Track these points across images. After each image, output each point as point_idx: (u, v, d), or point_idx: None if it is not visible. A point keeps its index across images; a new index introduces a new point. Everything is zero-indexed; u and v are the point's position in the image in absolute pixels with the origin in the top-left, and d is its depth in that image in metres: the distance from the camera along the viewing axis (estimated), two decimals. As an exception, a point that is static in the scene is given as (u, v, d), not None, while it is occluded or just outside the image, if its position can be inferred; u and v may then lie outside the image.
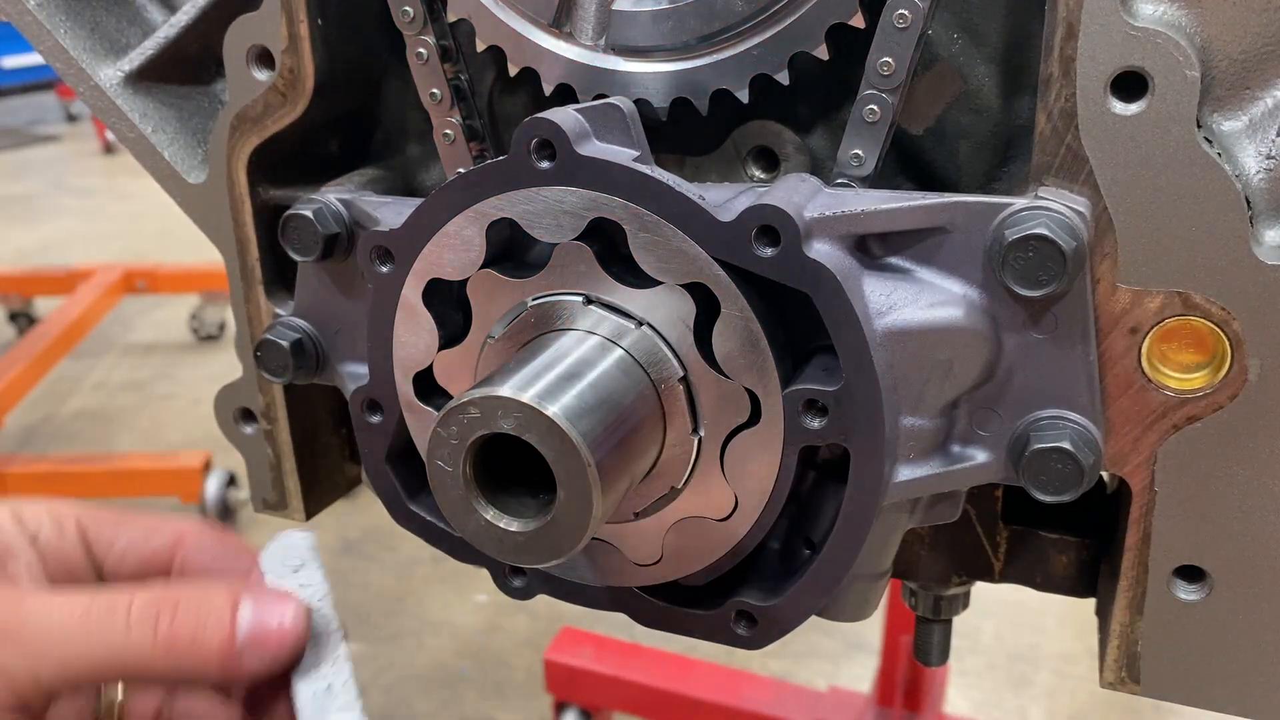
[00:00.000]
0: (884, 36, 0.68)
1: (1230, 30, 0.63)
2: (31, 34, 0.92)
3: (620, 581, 0.76)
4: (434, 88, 0.81)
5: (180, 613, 0.66)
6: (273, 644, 0.67)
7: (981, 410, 0.69)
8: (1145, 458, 0.69)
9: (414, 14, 0.79)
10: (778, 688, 2.81)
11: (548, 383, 0.63)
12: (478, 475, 0.65)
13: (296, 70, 0.81)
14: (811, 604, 0.71)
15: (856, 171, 0.71)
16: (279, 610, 0.68)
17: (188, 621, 0.66)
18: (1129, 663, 0.74)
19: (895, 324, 0.66)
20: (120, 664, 0.64)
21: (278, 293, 0.91)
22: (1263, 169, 0.64)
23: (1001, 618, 3.62)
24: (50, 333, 4.54)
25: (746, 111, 0.78)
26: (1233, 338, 0.65)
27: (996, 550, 0.87)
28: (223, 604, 0.67)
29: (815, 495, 0.74)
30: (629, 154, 0.67)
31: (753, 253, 0.64)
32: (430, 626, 3.64)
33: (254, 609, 0.67)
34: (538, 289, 0.71)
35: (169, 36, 0.91)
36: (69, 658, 0.63)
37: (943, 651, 0.98)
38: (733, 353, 0.66)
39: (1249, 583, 0.70)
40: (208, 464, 3.99)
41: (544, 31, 0.77)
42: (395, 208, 0.81)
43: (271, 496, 0.97)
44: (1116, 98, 0.63)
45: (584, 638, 2.93)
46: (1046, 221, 0.62)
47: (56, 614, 0.63)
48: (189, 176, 0.91)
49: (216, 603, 0.67)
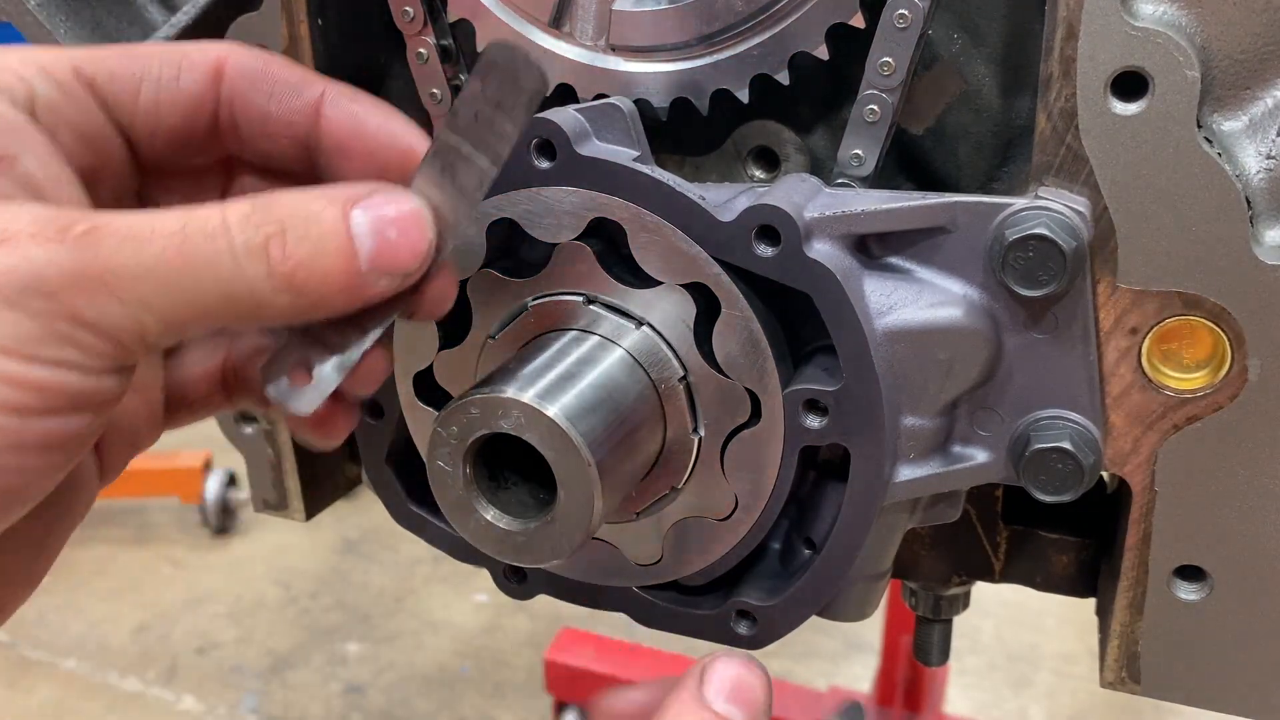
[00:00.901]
0: (884, 36, 0.68)
1: (1230, 30, 0.63)
2: (31, 34, 0.92)
3: (620, 581, 0.76)
4: (434, 88, 0.81)
5: (290, 235, 0.51)
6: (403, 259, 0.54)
7: (982, 410, 0.69)
8: (1145, 458, 0.69)
9: (414, 14, 0.79)
10: (778, 688, 2.81)
11: (548, 383, 0.63)
12: (478, 475, 0.65)
13: (297, 70, 0.81)
14: (812, 604, 0.71)
15: (856, 171, 0.71)
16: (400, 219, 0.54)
17: (301, 246, 0.51)
18: (1129, 663, 0.74)
19: (895, 324, 0.66)
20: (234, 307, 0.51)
21: (278, 293, 0.91)
22: (1263, 169, 0.64)
23: (1001, 618, 3.63)
24: (50, 333, 4.53)
25: (747, 111, 0.78)
26: (1233, 338, 0.65)
27: (996, 550, 0.87)
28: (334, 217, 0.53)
29: (815, 495, 0.74)
30: (629, 154, 0.67)
31: (753, 253, 0.64)
32: (430, 626, 3.64)
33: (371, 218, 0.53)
34: (538, 289, 0.71)
35: (169, 37, 0.91)
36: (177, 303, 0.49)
37: (943, 651, 0.99)
38: (733, 353, 0.66)
39: (1249, 583, 0.70)
40: (208, 464, 4.00)
41: (544, 31, 0.77)
42: (395, 208, 0.80)
43: (272, 496, 0.97)
44: (1116, 98, 0.63)
45: (584, 638, 2.93)
46: (1047, 221, 0.62)
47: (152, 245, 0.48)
48: (189, 176, 0.91)
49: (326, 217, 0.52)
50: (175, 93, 0.58)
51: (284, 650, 3.59)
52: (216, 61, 0.59)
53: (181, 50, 0.58)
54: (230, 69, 0.59)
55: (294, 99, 0.60)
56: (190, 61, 0.58)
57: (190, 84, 0.58)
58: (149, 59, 0.58)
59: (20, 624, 3.92)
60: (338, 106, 0.60)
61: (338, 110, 0.60)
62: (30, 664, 3.72)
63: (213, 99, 0.59)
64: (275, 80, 0.59)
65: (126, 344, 0.49)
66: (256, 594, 3.84)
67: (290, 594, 3.84)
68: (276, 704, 3.39)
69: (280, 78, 0.60)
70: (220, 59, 0.59)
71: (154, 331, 0.50)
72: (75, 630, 3.85)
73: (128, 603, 3.95)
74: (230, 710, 3.37)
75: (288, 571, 3.95)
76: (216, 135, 0.60)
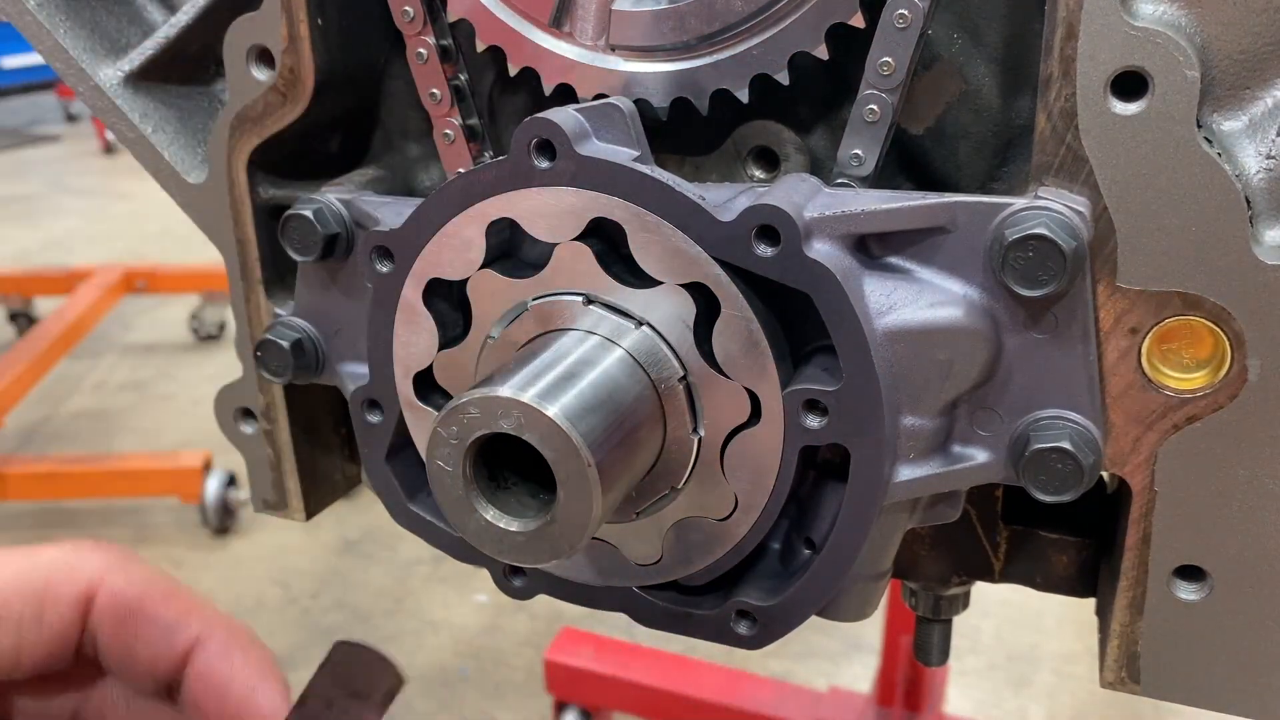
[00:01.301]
0: (884, 36, 0.68)
1: (1230, 30, 0.63)
2: (31, 34, 0.92)
3: (620, 581, 0.76)
4: (434, 88, 0.81)
5: None
6: None
7: (982, 410, 0.69)
8: (1145, 458, 0.69)
9: (414, 14, 0.79)
10: (778, 688, 2.81)
11: (548, 383, 0.63)
12: (478, 475, 0.65)
13: (296, 70, 0.81)
14: (812, 604, 0.71)
15: (856, 171, 0.71)
16: None
17: None
18: (1129, 663, 0.74)
19: (895, 324, 0.66)
20: None
21: (278, 293, 0.91)
22: (1263, 169, 0.64)
23: (1001, 618, 3.63)
24: (50, 333, 4.55)
25: (747, 111, 0.78)
26: (1233, 338, 0.65)
27: (996, 550, 0.87)
28: None
29: (815, 495, 0.74)
30: (629, 154, 0.67)
31: (753, 252, 0.64)
32: (430, 626, 3.64)
33: None
34: (538, 289, 0.71)
35: (169, 36, 0.91)
36: None
37: (943, 651, 0.98)
38: (733, 352, 0.66)
39: (1249, 583, 0.70)
40: (208, 464, 4.00)
41: (544, 31, 0.77)
42: (395, 208, 0.81)
43: (271, 496, 0.97)
44: (1116, 98, 0.63)
45: (584, 638, 2.93)
46: (1046, 221, 0.62)
47: None
48: (189, 176, 0.91)
49: None
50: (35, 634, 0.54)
51: (284, 650, 3.59)
52: (86, 593, 0.56)
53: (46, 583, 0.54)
54: (101, 602, 0.56)
55: (163, 644, 0.57)
56: (55, 596, 0.55)
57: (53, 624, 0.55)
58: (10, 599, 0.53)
59: (20, 624, 3.91)
60: (207, 665, 0.57)
61: (206, 668, 0.57)
62: (30, 664, 3.71)
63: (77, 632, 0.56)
64: (148, 620, 0.57)
65: None
66: (256, 594, 3.84)
67: (290, 594, 3.84)
68: (276, 704, 3.38)
69: (153, 617, 0.57)
70: (90, 590, 0.56)
71: None
72: (75, 630, 3.84)
73: (127, 603, 3.94)
74: (230, 710, 3.37)
75: (288, 571, 3.95)
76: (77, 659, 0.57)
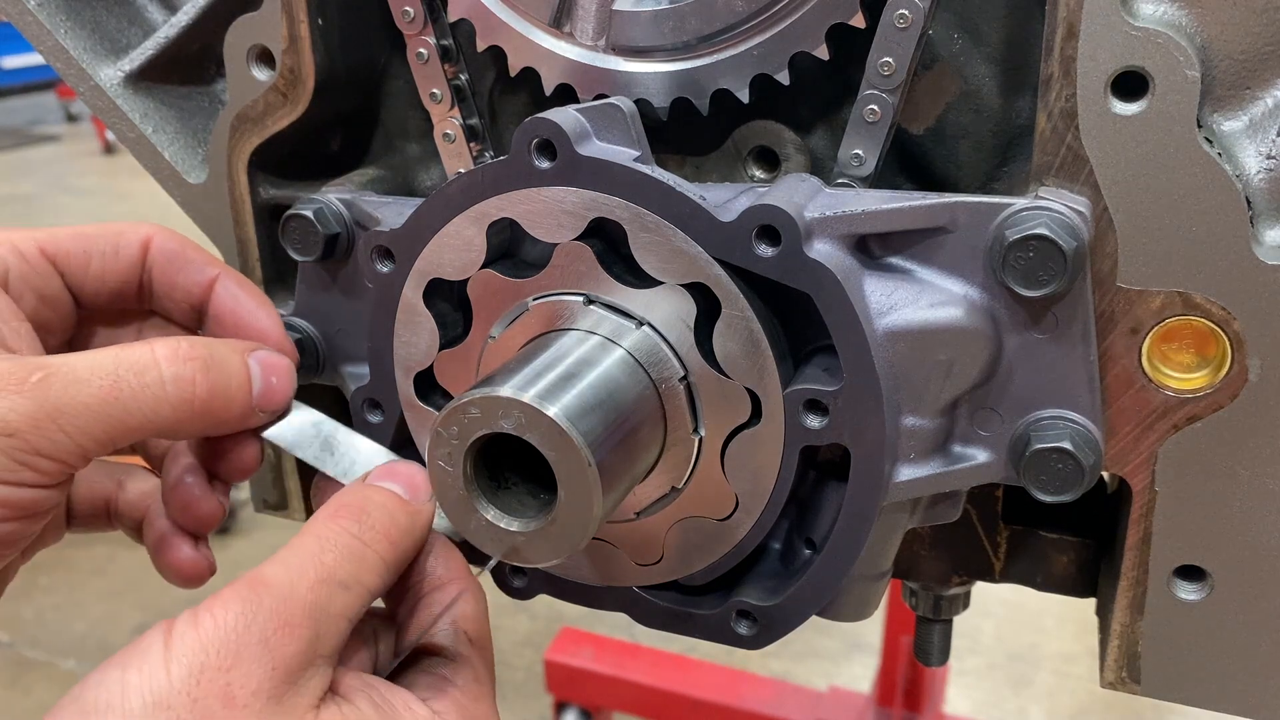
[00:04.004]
0: (884, 36, 0.68)
1: (1230, 30, 0.63)
2: (32, 34, 0.92)
3: (621, 581, 0.76)
4: (434, 88, 0.81)
5: (209, 373, 0.67)
6: (278, 400, 0.73)
7: (982, 410, 0.69)
8: (1145, 458, 0.69)
9: (414, 14, 0.79)
10: (778, 688, 2.81)
11: (548, 383, 0.63)
12: (478, 475, 0.65)
13: (297, 70, 0.81)
14: (812, 604, 0.71)
15: (857, 171, 0.71)
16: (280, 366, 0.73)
17: (217, 381, 0.68)
18: (1129, 663, 0.74)
19: (896, 324, 0.66)
20: (155, 427, 0.66)
21: (278, 293, 0.91)
22: (1263, 169, 0.64)
23: (1001, 618, 3.63)
24: (50, 333, 4.53)
25: (747, 111, 0.78)
26: (1233, 338, 0.65)
27: (997, 550, 0.87)
28: (240, 361, 0.70)
29: (816, 495, 0.74)
30: (630, 154, 0.67)
31: (753, 253, 0.64)
32: (430, 626, 3.63)
33: (261, 365, 0.72)
34: (538, 289, 0.71)
35: (169, 36, 0.91)
36: (110, 429, 0.63)
37: (943, 651, 0.98)
38: (733, 353, 0.66)
39: (1249, 583, 0.70)
40: (208, 464, 3.99)
41: (544, 31, 0.77)
42: (396, 208, 0.81)
43: (272, 496, 0.97)
44: (1117, 98, 0.63)
45: (584, 638, 2.93)
46: (1047, 221, 0.62)
47: (90, 386, 0.63)
48: (189, 176, 0.91)
49: (234, 360, 0.70)
50: (115, 264, 0.76)
51: (284, 650, 3.58)
52: (145, 240, 0.77)
53: (118, 230, 0.77)
54: (154, 247, 0.77)
55: (197, 275, 0.78)
56: (125, 240, 0.76)
57: (126, 258, 0.77)
58: (95, 239, 0.75)
59: (19, 624, 3.92)
60: (225, 289, 0.78)
61: (225, 291, 0.78)
62: (29, 664, 3.72)
63: (140, 267, 0.77)
64: (185, 259, 0.78)
65: (70, 463, 0.63)
66: (256, 594, 3.83)
67: (290, 594, 3.84)
68: (276, 704, 3.38)
69: (190, 258, 0.78)
70: (148, 238, 0.77)
71: (92, 452, 0.63)
72: (75, 630, 3.85)
73: (127, 603, 3.95)
74: (230, 710, 3.36)
75: (288, 571, 3.95)
76: (139, 293, 0.79)
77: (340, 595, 0.61)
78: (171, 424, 0.66)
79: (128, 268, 0.76)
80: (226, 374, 0.69)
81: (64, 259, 0.74)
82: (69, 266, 0.74)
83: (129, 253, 0.76)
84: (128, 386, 0.64)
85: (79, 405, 0.62)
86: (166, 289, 0.78)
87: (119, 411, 0.63)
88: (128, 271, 0.76)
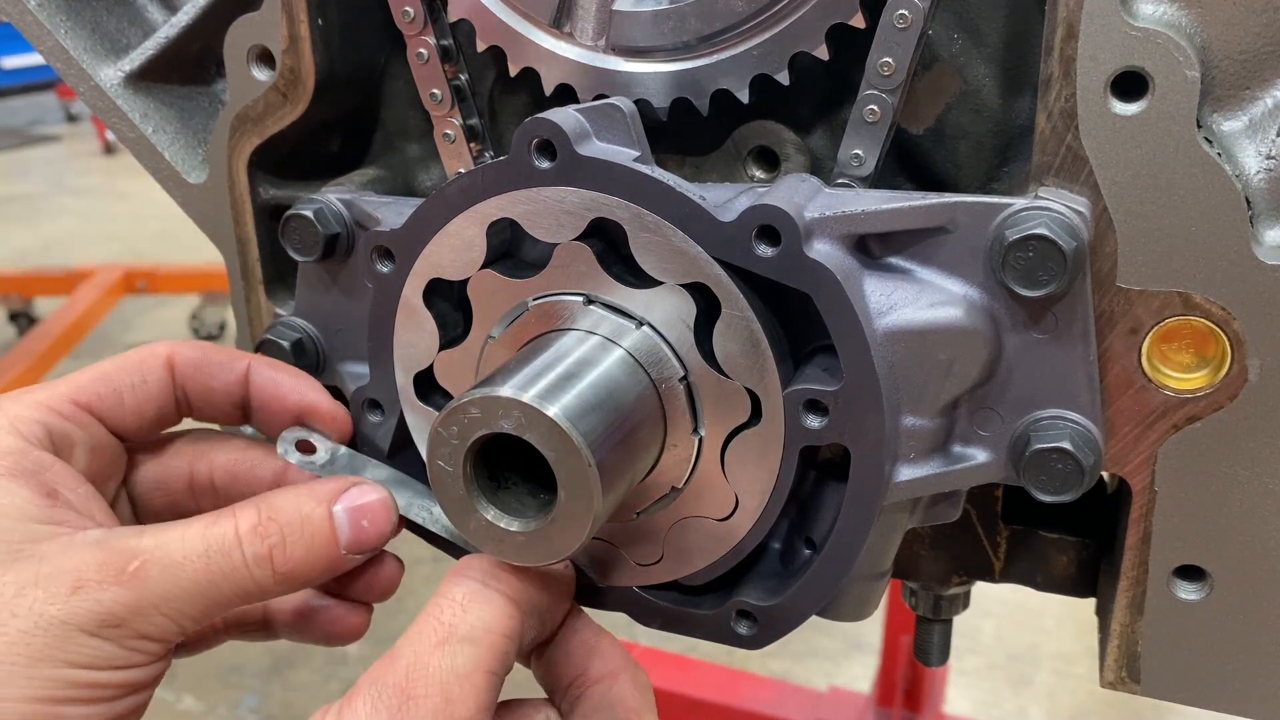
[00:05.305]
0: (884, 36, 0.68)
1: (1230, 30, 0.63)
2: (32, 34, 0.92)
3: (620, 581, 0.76)
4: (434, 88, 0.81)
5: (289, 541, 0.69)
6: (372, 541, 0.72)
7: (982, 410, 0.69)
8: (1145, 458, 0.69)
9: (414, 14, 0.79)
10: (778, 688, 2.81)
11: (548, 383, 0.63)
12: (478, 475, 0.65)
13: (297, 70, 0.82)
14: (812, 604, 0.71)
15: (857, 171, 0.71)
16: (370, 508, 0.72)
17: (298, 548, 0.69)
18: (1129, 663, 0.74)
19: (896, 324, 0.66)
20: (244, 597, 0.68)
21: (278, 292, 0.91)
22: (1263, 169, 0.64)
23: (1001, 618, 3.63)
24: (50, 333, 4.55)
25: (747, 111, 0.78)
26: (1233, 338, 0.65)
27: (996, 550, 0.87)
28: (322, 515, 0.70)
29: (815, 495, 0.74)
30: (629, 154, 0.67)
31: (753, 253, 0.64)
32: (430, 626, 3.63)
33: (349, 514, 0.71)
34: (538, 289, 0.71)
35: (169, 36, 0.91)
36: (208, 607, 0.67)
37: (943, 651, 0.99)
38: (733, 353, 0.66)
39: (1249, 583, 0.70)
40: (208, 464, 3.98)
41: (544, 31, 0.77)
42: (396, 208, 0.81)
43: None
44: (1117, 98, 0.63)
45: (584, 638, 2.92)
46: (1047, 221, 0.62)
47: (185, 570, 0.65)
48: (189, 176, 0.91)
49: (316, 516, 0.70)
50: (147, 392, 0.76)
51: (284, 650, 3.59)
52: (167, 359, 0.77)
53: (139, 359, 0.76)
54: (178, 363, 0.77)
55: (229, 374, 0.78)
56: (149, 366, 0.76)
57: (155, 383, 0.76)
58: (118, 374, 0.75)
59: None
60: (261, 375, 0.79)
61: (261, 377, 0.79)
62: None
63: (171, 387, 0.77)
64: (212, 364, 0.78)
65: (172, 641, 0.66)
66: (256, 594, 3.83)
67: (290, 594, 3.84)
68: (276, 704, 3.38)
69: (215, 360, 0.78)
70: (169, 357, 0.77)
71: (190, 628, 0.67)
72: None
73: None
74: (230, 710, 3.37)
75: (288, 571, 3.95)
76: (177, 409, 0.79)
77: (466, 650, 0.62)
78: (255, 593, 0.68)
79: (160, 391, 0.76)
80: (307, 537, 0.69)
81: (98, 404, 0.74)
82: (104, 410, 0.74)
83: (156, 377, 0.76)
84: (219, 568, 0.66)
85: (178, 591, 0.65)
86: (204, 397, 0.78)
87: (214, 592, 0.66)
88: (161, 395, 0.76)
